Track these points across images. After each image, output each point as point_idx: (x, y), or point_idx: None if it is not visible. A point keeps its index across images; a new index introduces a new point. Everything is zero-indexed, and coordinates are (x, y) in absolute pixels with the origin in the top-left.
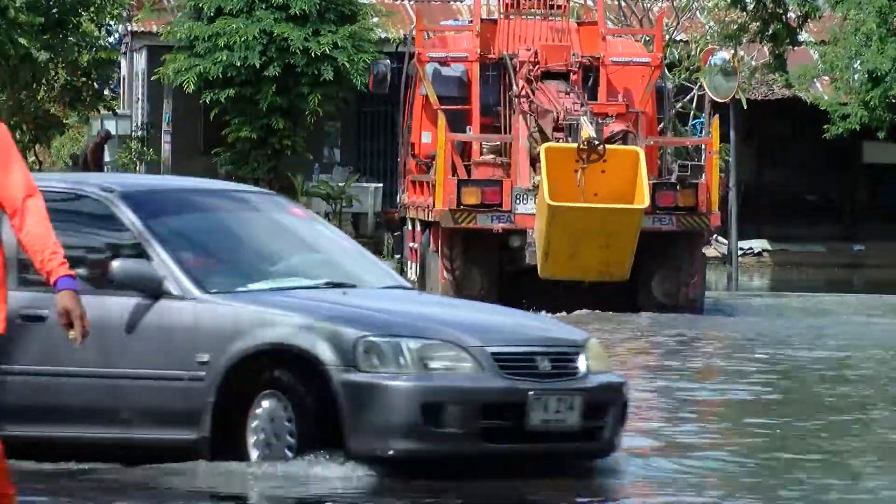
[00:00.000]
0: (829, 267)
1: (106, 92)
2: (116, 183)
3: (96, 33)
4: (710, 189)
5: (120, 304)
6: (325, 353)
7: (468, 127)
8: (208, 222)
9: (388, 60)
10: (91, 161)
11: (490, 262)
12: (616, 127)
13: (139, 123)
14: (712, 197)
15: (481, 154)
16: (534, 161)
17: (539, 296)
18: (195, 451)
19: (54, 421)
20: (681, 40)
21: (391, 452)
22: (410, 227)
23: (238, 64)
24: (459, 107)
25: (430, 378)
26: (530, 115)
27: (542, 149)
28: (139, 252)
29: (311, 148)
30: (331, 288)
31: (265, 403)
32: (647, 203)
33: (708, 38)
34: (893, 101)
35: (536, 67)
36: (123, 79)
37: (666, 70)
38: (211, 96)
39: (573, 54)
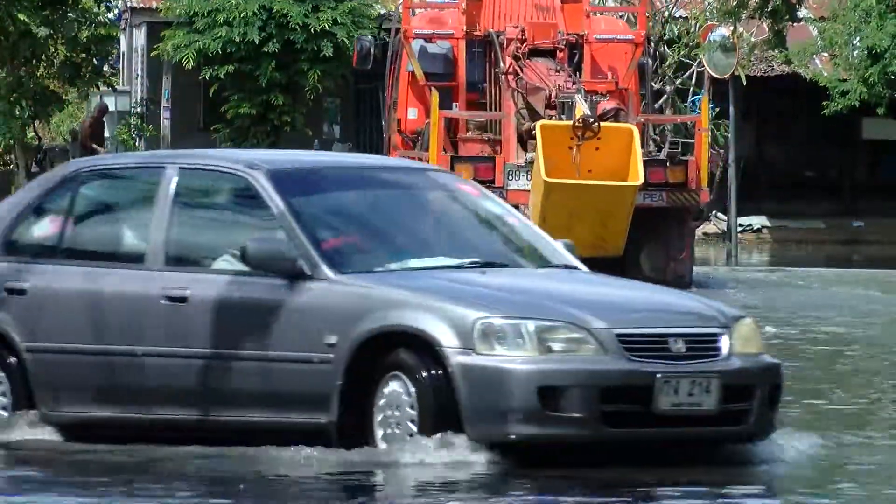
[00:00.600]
0: (828, 243)
1: (105, 68)
2: (265, 160)
3: (95, 9)
4: (699, 166)
5: (257, 285)
6: (444, 334)
7: (454, 103)
8: (359, 200)
9: (371, 37)
10: (87, 136)
11: None
12: (608, 104)
13: (138, 99)
14: (702, 173)
15: (467, 130)
16: (521, 137)
17: None
18: (324, 435)
19: (181, 403)
20: (680, 16)
21: (510, 437)
22: None
23: (237, 40)
24: (445, 83)
25: (548, 361)
26: (517, 91)
27: (537, 126)
28: (279, 231)
29: (311, 124)
30: (475, 267)
31: (390, 386)
32: (641, 180)
33: (707, 14)
34: (892, 77)
35: (524, 45)
36: (123, 55)
37: (650, 46)
38: (210, 72)
39: (559, 32)
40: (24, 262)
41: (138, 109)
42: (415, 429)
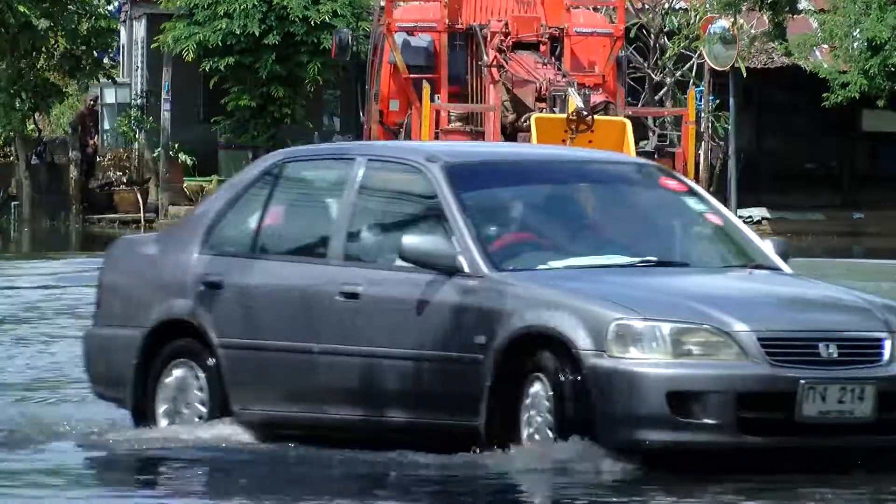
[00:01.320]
0: (828, 235)
1: (105, 60)
2: (447, 152)
3: (96, 1)
4: (686, 157)
5: (416, 282)
6: (580, 336)
7: (436, 95)
8: (538, 195)
9: (350, 29)
10: (81, 126)
11: None
12: (598, 98)
13: (138, 92)
14: (688, 165)
15: (449, 122)
16: (504, 129)
17: None
18: (475, 437)
19: (348, 403)
20: (680, 8)
21: (642, 443)
22: None
23: (237, 32)
24: (427, 75)
25: (681, 365)
26: (501, 84)
27: (532, 119)
28: (445, 226)
29: (311, 116)
30: (647, 266)
31: (534, 388)
32: None
33: (707, 5)
34: (892, 69)
35: (508, 38)
36: (123, 47)
37: (641, 39)
38: (210, 64)
39: (542, 25)
40: (222, 256)
41: (138, 101)
42: (552, 434)
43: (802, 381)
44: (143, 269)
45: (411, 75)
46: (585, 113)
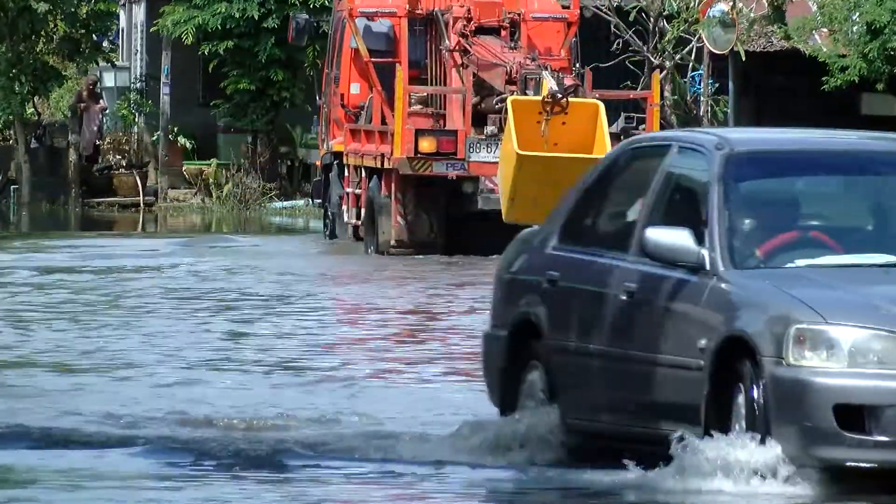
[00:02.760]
0: None
1: (105, 44)
2: (743, 140)
3: None
4: None
5: (668, 279)
6: (766, 341)
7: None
8: (821, 188)
9: (307, 14)
10: (79, 108)
11: (439, 207)
12: (567, 81)
13: (138, 75)
14: None
15: (410, 105)
16: (465, 111)
17: (481, 238)
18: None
19: (612, 412)
20: None
21: (814, 459)
22: (347, 174)
23: (237, 15)
24: (387, 60)
25: (855, 375)
26: (463, 68)
27: (508, 101)
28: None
29: (310, 100)
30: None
31: (739, 398)
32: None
33: None
34: (892, 53)
35: (470, 23)
36: (122, 30)
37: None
38: (209, 48)
39: (503, 10)
40: (563, 252)
41: (138, 85)
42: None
43: None
44: (513, 264)
45: (372, 59)
46: (560, 95)
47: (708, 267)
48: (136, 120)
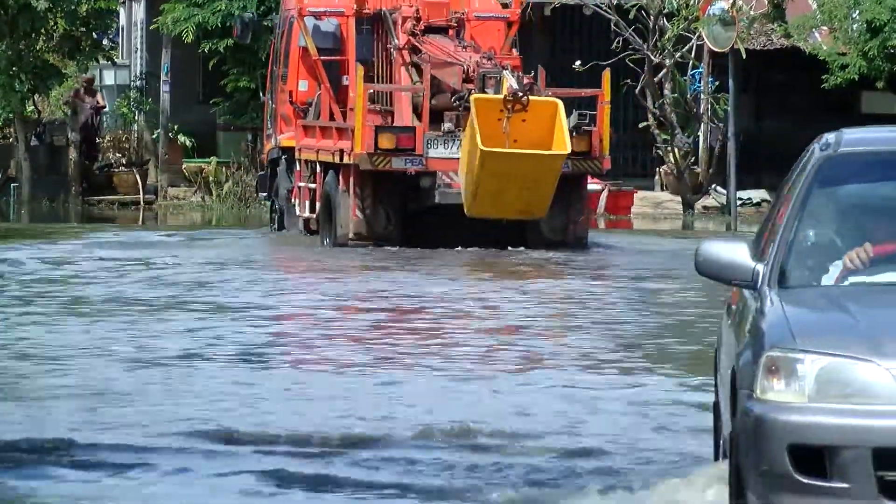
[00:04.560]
0: None
1: (105, 42)
2: (858, 140)
3: None
4: (602, 136)
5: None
6: (744, 372)
7: (344, 76)
8: None
9: (252, 12)
10: (73, 101)
11: (397, 202)
12: (525, 80)
13: (138, 73)
14: (604, 143)
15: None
16: (415, 109)
17: (437, 232)
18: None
19: None
20: None
21: None
22: (299, 169)
23: (237, 13)
24: (335, 58)
25: (817, 411)
26: (413, 66)
27: (472, 100)
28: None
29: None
30: None
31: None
32: (569, 149)
33: None
34: (892, 51)
35: (420, 22)
36: (122, 28)
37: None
38: (209, 46)
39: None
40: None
41: (137, 83)
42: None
43: None
44: None
45: (320, 58)
46: (521, 94)
47: (755, 284)
48: (136, 118)
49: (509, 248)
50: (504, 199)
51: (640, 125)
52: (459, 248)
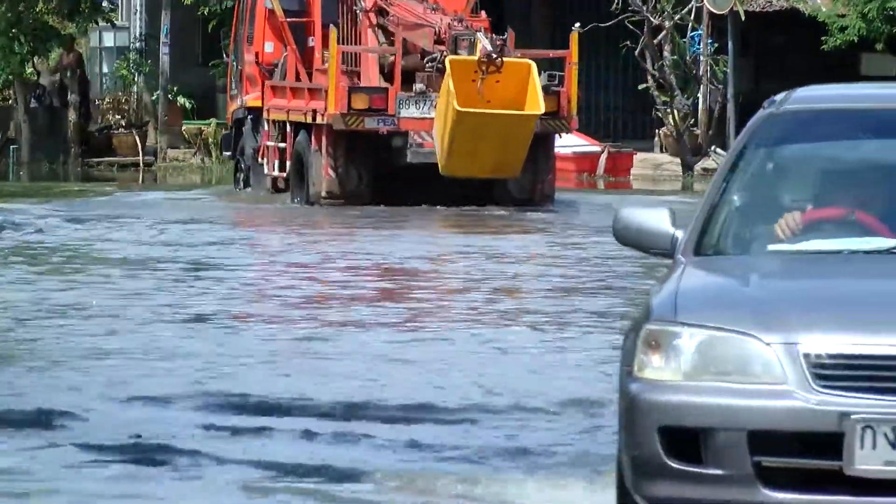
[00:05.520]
0: None
1: (104, 3)
2: (808, 97)
3: None
4: (570, 96)
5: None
6: (626, 349)
7: (310, 37)
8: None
9: None
10: (63, 74)
11: (368, 161)
12: (497, 42)
13: (137, 35)
14: (572, 104)
15: (323, 62)
16: (382, 69)
17: (408, 191)
18: None
19: None
20: None
21: (644, 497)
22: (267, 129)
23: None
24: (301, 19)
25: (691, 390)
26: (377, 28)
27: (447, 61)
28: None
29: None
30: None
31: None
32: (542, 109)
33: None
34: (891, 12)
35: None
36: None
37: None
38: (209, 8)
39: None
40: None
41: (137, 45)
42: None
43: (854, 417)
44: None
45: (287, 20)
46: (495, 56)
47: (671, 252)
48: (136, 80)
49: (476, 207)
50: (478, 158)
51: (640, 87)
52: (429, 205)
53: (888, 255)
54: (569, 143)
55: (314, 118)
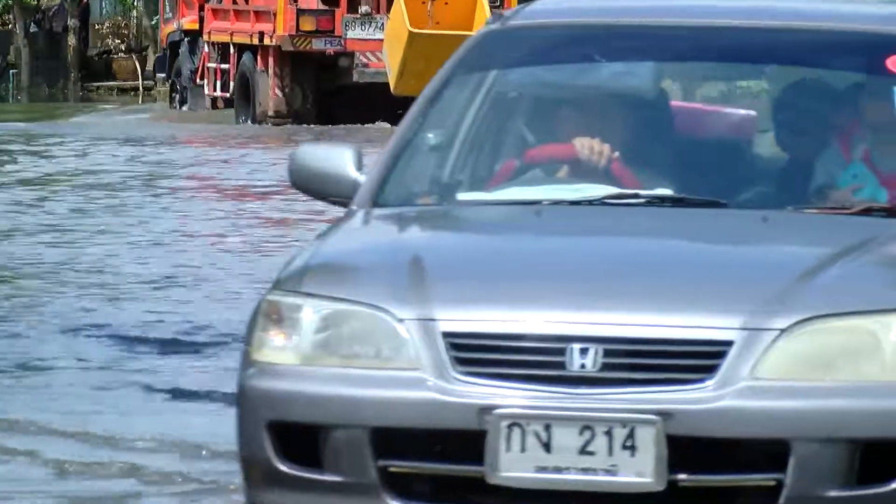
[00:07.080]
0: None
1: None
2: (533, 11)
3: None
4: None
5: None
6: (250, 325)
7: None
8: (589, 94)
9: None
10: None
11: (313, 81)
12: None
13: None
14: None
15: None
16: None
17: (348, 110)
18: None
19: None
20: None
21: None
22: (207, 50)
23: None
24: None
25: (310, 377)
26: None
27: None
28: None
29: None
30: (642, 206)
31: None
32: None
33: None
34: None
35: None
36: None
37: None
38: None
39: None
40: None
41: None
42: None
43: (498, 412)
44: None
45: None
46: None
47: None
48: (135, 4)
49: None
50: (428, 78)
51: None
52: (375, 123)
53: (597, 208)
54: None
55: (261, 40)
